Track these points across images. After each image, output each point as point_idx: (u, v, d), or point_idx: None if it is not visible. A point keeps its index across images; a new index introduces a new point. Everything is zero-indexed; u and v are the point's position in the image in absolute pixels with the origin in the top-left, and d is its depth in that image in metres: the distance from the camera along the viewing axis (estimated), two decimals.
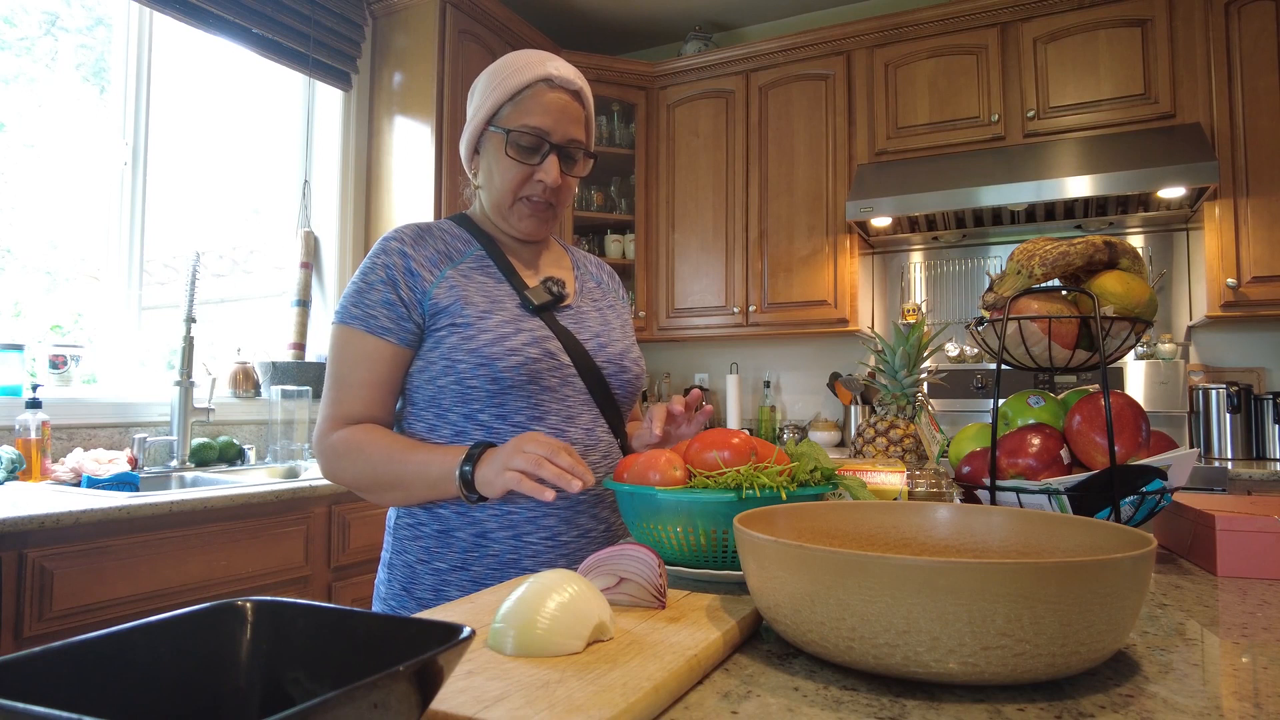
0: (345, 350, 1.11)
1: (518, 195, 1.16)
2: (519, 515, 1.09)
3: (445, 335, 1.10)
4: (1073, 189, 2.78)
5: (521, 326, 1.11)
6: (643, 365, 1.28)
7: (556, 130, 1.14)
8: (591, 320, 1.23)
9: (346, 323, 1.11)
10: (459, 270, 1.14)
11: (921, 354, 1.32)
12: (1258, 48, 2.74)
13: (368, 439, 1.08)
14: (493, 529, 1.09)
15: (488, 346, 1.08)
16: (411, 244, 1.13)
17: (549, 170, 1.14)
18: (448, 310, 1.10)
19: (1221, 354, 3.08)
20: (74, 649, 0.42)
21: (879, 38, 3.33)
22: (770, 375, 3.82)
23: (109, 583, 1.66)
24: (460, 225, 1.22)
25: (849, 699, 0.55)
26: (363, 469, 1.07)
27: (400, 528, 1.16)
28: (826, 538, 0.78)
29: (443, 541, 1.11)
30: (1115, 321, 1.05)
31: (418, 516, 1.13)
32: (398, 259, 1.12)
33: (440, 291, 1.11)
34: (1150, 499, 0.97)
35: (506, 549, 1.09)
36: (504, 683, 0.52)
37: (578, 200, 3.76)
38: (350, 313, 1.11)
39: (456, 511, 1.10)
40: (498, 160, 1.15)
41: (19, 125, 2.41)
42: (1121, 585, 0.55)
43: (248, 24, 2.74)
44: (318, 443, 1.12)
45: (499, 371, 1.08)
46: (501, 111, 1.15)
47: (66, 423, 2.28)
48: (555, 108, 1.14)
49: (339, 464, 1.09)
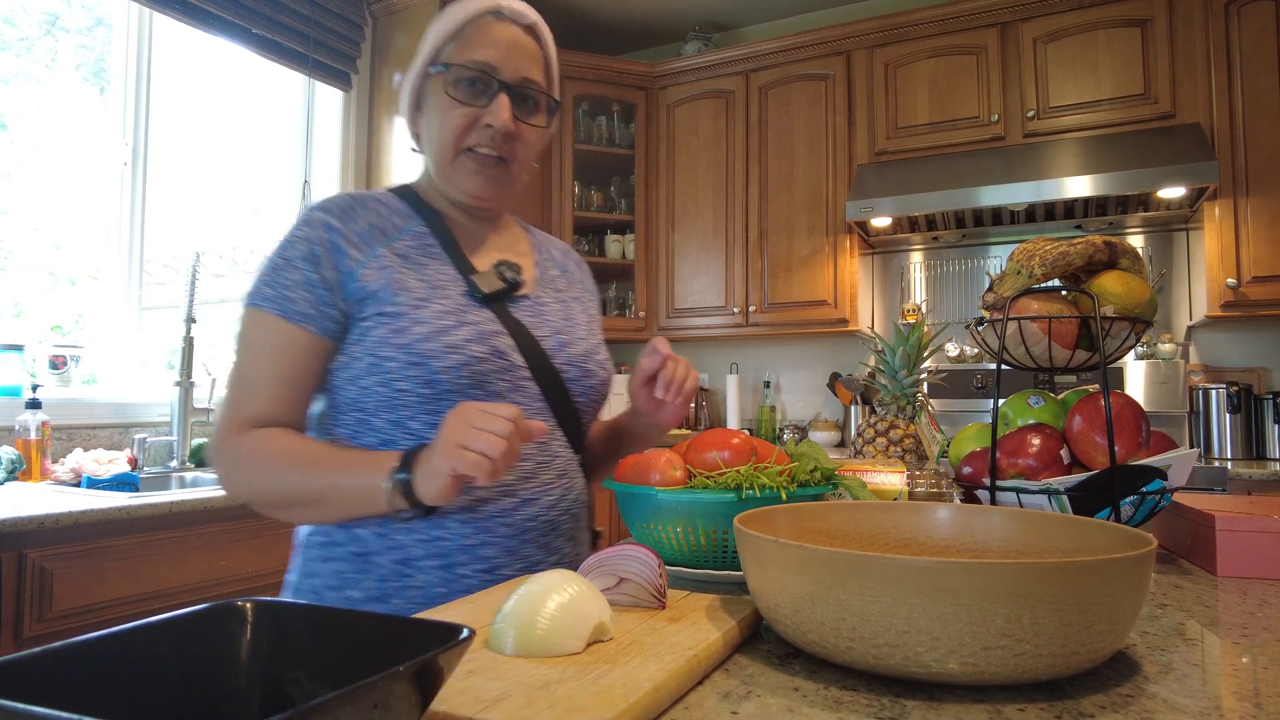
0: (254, 339, 0.93)
1: (461, 145, 0.98)
2: (451, 542, 0.91)
3: (372, 326, 0.92)
4: (1072, 189, 2.77)
5: (465, 319, 0.94)
6: (610, 369, 1.11)
7: (506, 65, 0.97)
8: (552, 314, 1.05)
9: (257, 305, 0.93)
10: (394, 249, 0.97)
11: (921, 354, 1.32)
12: (1258, 47, 2.74)
13: (277, 446, 0.90)
14: (418, 556, 0.91)
15: (422, 342, 0.91)
16: (339, 216, 0.96)
17: (498, 112, 0.96)
18: (376, 296, 0.93)
19: (1221, 354, 3.08)
20: (74, 649, 0.42)
21: (879, 38, 3.33)
22: (770, 375, 3.82)
23: (109, 583, 1.66)
24: (401, 198, 1.05)
25: (849, 699, 0.55)
26: (271, 482, 0.90)
27: (311, 546, 0.97)
28: (827, 538, 0.78)
29: (359, 567, 0.92)
30: (1115, 321, 1.05)
31: (331, 535, 0.95)
32: (322, 233, 0.94)
33: (369, 273, 0.94)
34: (1150, 499, 0.97)
35: (434, 581, 0.91)
36: (504, 683, 0.52)
37: (577, 200, 3.76)
38: (262, 294, 0.93)
39: (376, 533, 0.92)
40: (438, 104, 0.98)
41: (19, 125, 2.41)
42: (1121, 585, 0.55)
43: (248, 24, 2.74)
44: (215, 449, 0.92)
45: (434, 373, 0.90)
46: (444, 50, 0.99)
47: (66, 423, 2.28)
48: (504, 40, 0.98)
49: (242, 476, 0.91)
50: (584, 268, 1.22)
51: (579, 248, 3.82)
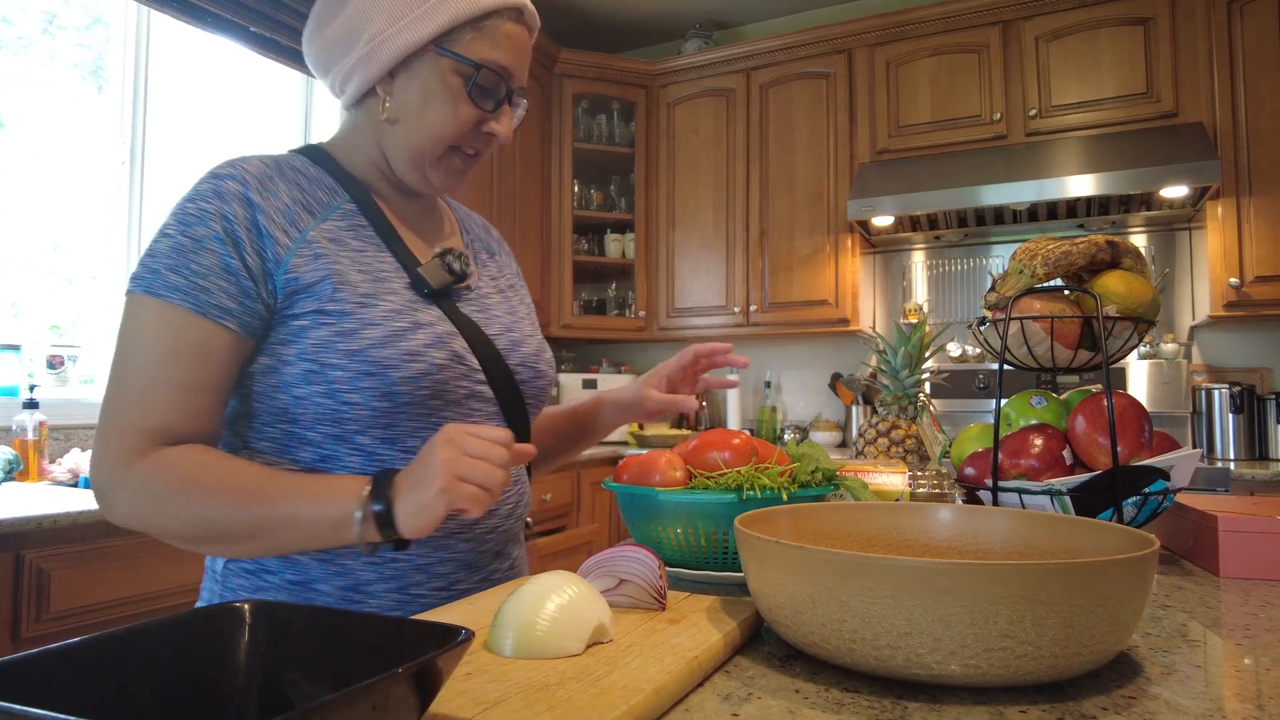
0: (157, 337, 0.76)
1: (455, 144, 0.88)
2: (406, 563, 0.83)
3: (308, 326, 0.79)
4: (1075, 188, 2.77)
5: (418, 319, 0.83)
6: (554, 366, 1.02)
7: (517, 73, 0.89)
8: (497, 308, 0.96)
9: (159, 295, 0.76)
10: (323, 230, 0.83)
11: (923, 354, 1.32)
12: (1260, 46, 2.73)
13: (205, 470, 0.75)
14: (369, 581, 0.82)
15: (376, 348, 0.79)
16: (259, 189, 0.80)
17: (504, 121, 0.89)
18: (312, 291, 0.79)
19: (1224, 354, 3.07)
20: (72, 650, 0.42)
21: (880, 36, 3.32)
22: (771, 375, 3.82)
23: (107, 584, 1.65)
24: (317, 164, 0.89)
25: (850, 701, 0.54)
26: (200, 513, 0.74)
27: (233, 575, 0.83)
28: (828, 539, 0.78)
29: (298, 596, 0.81)
30: (1118, 321, 1.04)
31: (262, 563, 0.82)
32: (239, 208, 0.78)
33: (300, 261, 0.80)
34: (1153, 500, 0.96)
35: (387, 605, 0.83)
36: (503, 685, 0.52)
37: (577, 199, 3.76)
38: (166, 281, 0.76)
39: (319, 559, 0.81)
40: (443, 98, 0.85)
41: (17, 124, 2.41)
42: (1124, 586, 0.54)
43: (246, 22, 2.74)
44: (113, 469, 0.75)
45: (393, 384, 0.79)
46: (458, 35, 0.85)
47: (64, 423, 2.28)
48: (520, 45, 0.89)
49: (159, 504, 0.74)
50: (506, 247, 1.10)
51: (579, 247, 3.81)
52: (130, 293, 0.78)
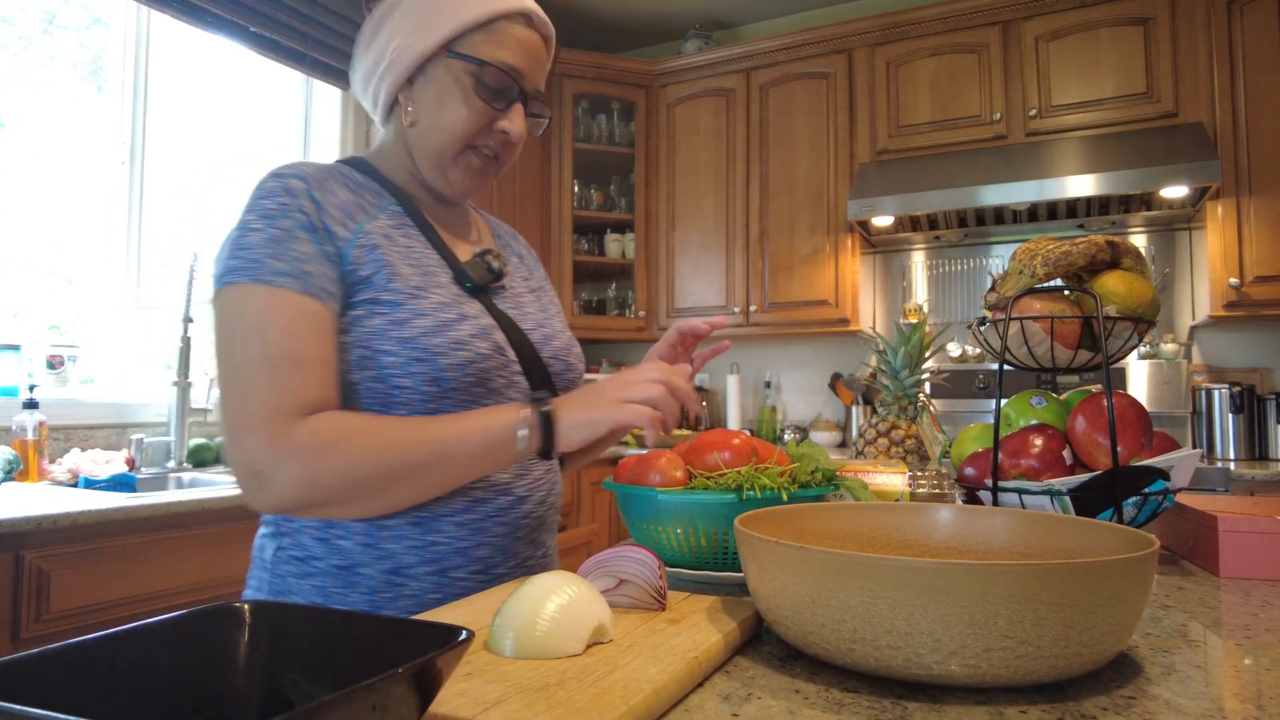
0: (271, 319, 0.80)
1: (468, 144, 0.93)
2: (446, 546, 0.87)
3: (363, 315, 0.84)
4: (1075, 188, 2.77)
5: (464, 312, 0.89)
6: (584, 361, 1.09)
7: (529, 75, 0.94)
8: (529, 306, 1.02)
9: (268, 282, 0.80)
10: (376, 227, 0.89)
11: (923, 354, 1.32)
12: (1260, 46, 2.73)
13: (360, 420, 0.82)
14: (410, 564, 0.87)
15: (426, 336, 0.84)
16: (318, 186, 0.86)
17: (515, 120, 0.94)
18: (369, 281, 0.85)
19: (1224, 354, 3.07)
20: (71, 651, 0.42)
21: (880, 36, 3.32)
22: (771, 375, 3.82)
23: (106, 584, 1.65)
24: (362, 171, 0.96)
25: (850, 701, 0.54)
26: (376, 456, 0.79)
27: (282, 563, 0.88)
28: (828, 539, 0.78)
29: (345, 581, 0.86)
30: (1118, 321, 1.04)
31: (309, 550, 0.87)
32: (308, 202, 0.84)
33: (359, 254, 0.85)
34: (1153, 500, 0.96)
35: (428, 587, 0.87)
36: (503, 685, 0.52)
37: (577, 199, 3.76)
38: (271, 268, 0.80)
39: (363, 544, 0.86)
40: (455, 97, 0.91)
41: (17, 124, 2.41)
42: (1124, 586, 0.54)
43: (246, 22, 2.74)
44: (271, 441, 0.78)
45: (440, 370, 0.85)
46: (467, 38, 0.91)
47: (64, 423, 2.28)
48: (532, 49, 0.94)
49: (327, 458, 0.78)
50: (534, 253, 1.17)
51: (579, 247, 3.81)
52: (230, 284, 0.81)
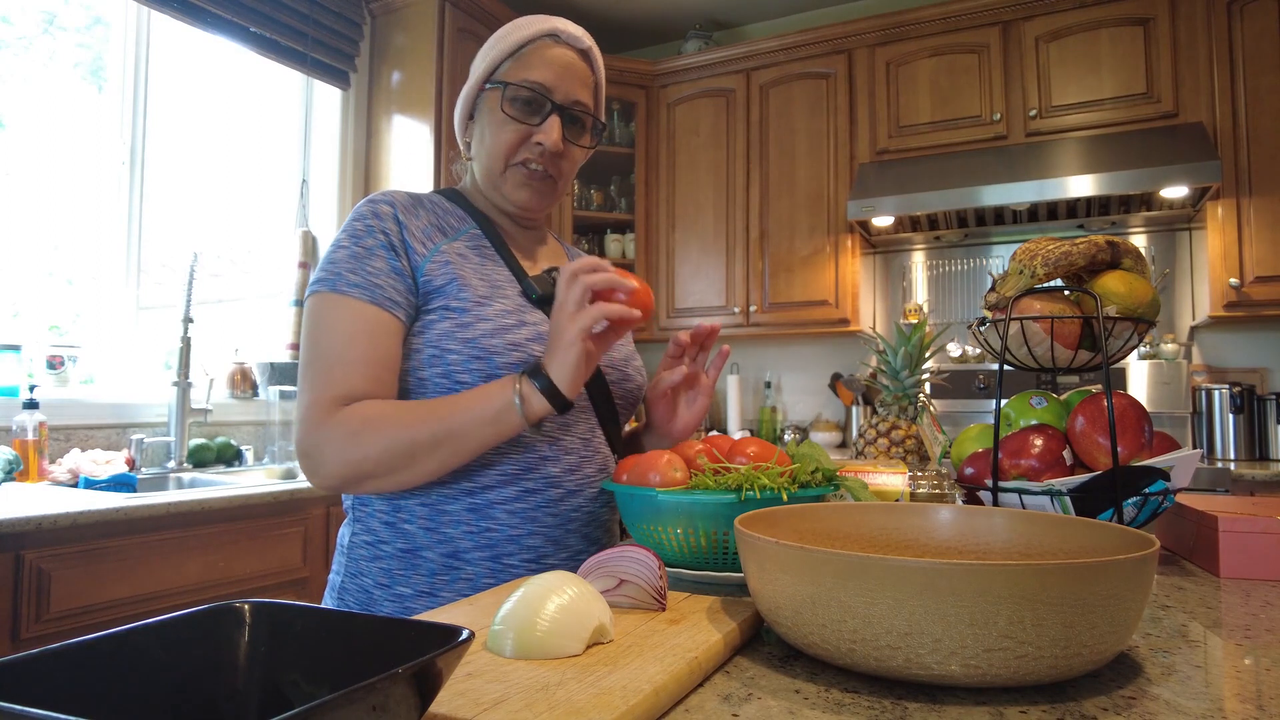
0: (339, 323, 0.93)
1: (511, 159, 1.03)
2: (499, 533, 0.95)
3: (436, 320, 0.96)
4: (1075, 188, 2.77)
5: (524, 319, 0.99)
6: (645, 375, 1.16)
7: (559, 88, 1.02)
8: None
9: (342, 292, 0.94)
10: (453, 247, 1.01)
11: (923, 354, 1.32)
12: (1260, 47, 2.73)
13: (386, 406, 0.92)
14: (467, 549, 0.95)
15: (486, 338, 0.95)
16: (405, 210, 1.00)
17: (549, 131, 1.01)
18: (442, 291, 0.97)
19: (1224, 354, 3.07)
20: (71, 651, 0.42)
21: (880, 36, 3.32)
22: (771, 376, 3.82)
23: (106, 584, 1.65)
24: (451, 200, 1.09)
25: (850, 701, 0.54)
26: (395, 435, 0.89)
27: (356, 547, 1.00)
28: (828, 539, 0.78)
29: (407, 563, 0.96)
30: (1118, 322, 1.04)
31: (378, 534, 0.98)
32: (393, 225, 0.98)
33: (434, 268, 0.98)
34: (1153, 500, 0.96)
35: (482, 572, 0.95)
36: (503, 685, 0.52)
37: (577, 199, 3.76)
38: (347, 280, 0.94)
39: (425, 528, 0.96)
40: (492, 119, 1.03)
41: (17, 124, 2.41)
42: (1124, 587, 0.54)
43: (246, 23, 2.74)
44: (317, 426, 0.91)
45: (496, 367, 0.94)
46: (501, 68, 1.03)
47: (64, 423, 2.28)
48: (559, 63, 1.02)
49: (358, 439, 0.89)
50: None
51: (579, 247, 3.81)
52: (315, 294, 0.96)
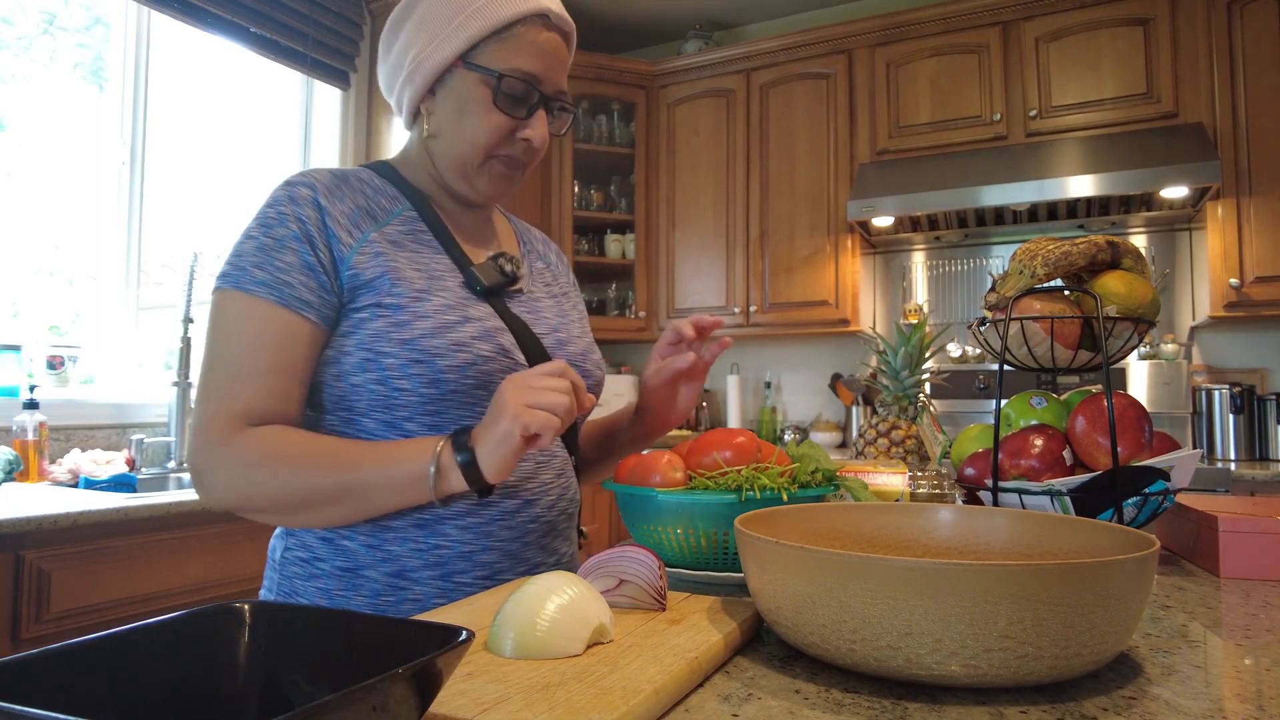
0: (244, 326, 0.83)
1: (494, 152, 0.93)
2: (450, 550, 0.87)
3: (367, 319, 0.86)
4: (1075, 189, 2.77)
5: (468, 314, 0.89)
6: (604, 369, 1.08)
7: (549, 78, 0.93)
8: (547, 310, 1.02)
9: (248, 290, 0.83)
10: (384, 234, 0.90)
11: (923, 354, 1.32)
12: (1260, 47, 2.73)
13: (293, 441, 0.82)
14: (414, 567, 0.86)
15: (426, 338, 0.85)
16: (326, 193, 0.88)
17: (538, 127, 0.93)
18: (373, 286, 0.86)
19: (1224, 354, 3.07)
20: (71, 651, 0.42)
21: (880, 36, 3.32)
22: (771, 376, 3.82)
23: (107, 584, 1.65)
24: (382, 176, 0.97)
25: (850, 701, 0.54)
26: (293, 480, 0.80)
27: (289, 563, 0.90)
28: (828, 539, 0.78)
29: (348, 584, 0.87)
30: (1118, 322, 1.04)
31: (314, 550, 0.89)
32: (312, 211, 0.86)
33: (362, 259, 0.87)
34: (1153, 500, 0.96)
35: (432, 592, 0.86)
36: (503, 685, 0.52)
37: (577, 199, 3.76)
38: (253, 277, 0.83)
39: (367, 545, 0.87)
40: (475, 109, 0.91)
41: (17, 124, 2.41)
42: (1124, 587, 0.54)
43: (246, 23, 2.74)
44: (209, 450, 0.81)
45: (439, 371, 0.85)
46: (483, 47, 0.90)
47: (64, 423, 2.28)
48: (550, 51, 0.92)
49: (253, 474, 0.80)
50: (564, 261, 1.17)
51: (579, 247, 3.81)
52: (219, 289, 0.86)
